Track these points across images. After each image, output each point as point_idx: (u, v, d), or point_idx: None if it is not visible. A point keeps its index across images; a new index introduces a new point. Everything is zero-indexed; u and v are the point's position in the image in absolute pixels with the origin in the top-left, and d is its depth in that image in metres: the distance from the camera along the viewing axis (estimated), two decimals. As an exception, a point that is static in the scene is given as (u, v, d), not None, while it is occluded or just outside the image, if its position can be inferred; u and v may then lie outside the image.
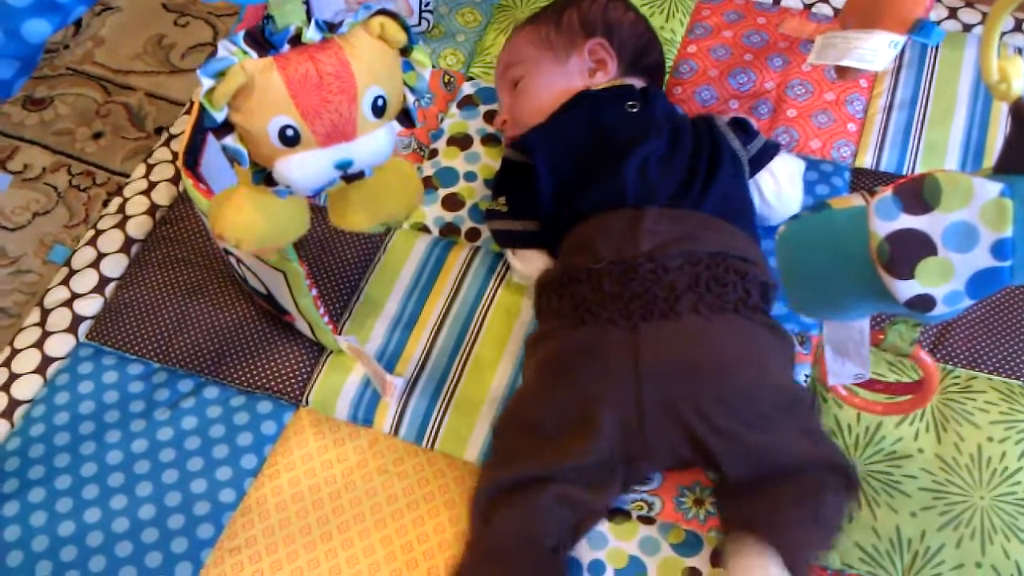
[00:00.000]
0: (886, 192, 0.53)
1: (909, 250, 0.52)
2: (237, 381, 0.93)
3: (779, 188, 0.95)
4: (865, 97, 1.11)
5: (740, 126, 0.96)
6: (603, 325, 0.79)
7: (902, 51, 1.12)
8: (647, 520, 0.82)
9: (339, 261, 1.00)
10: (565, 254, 0.88)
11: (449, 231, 1.03)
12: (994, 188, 0.50)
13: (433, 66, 1.17)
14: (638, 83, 1.00)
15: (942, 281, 0.52)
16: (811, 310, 0.60)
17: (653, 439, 0.78)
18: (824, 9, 1.20)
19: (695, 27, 1.19)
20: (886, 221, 0.52)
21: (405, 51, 0.66)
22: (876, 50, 0.76)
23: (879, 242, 0.53)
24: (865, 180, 1.04)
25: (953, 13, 1.18)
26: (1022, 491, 0.82)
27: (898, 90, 1.11)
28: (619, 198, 0.86)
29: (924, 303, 0.53)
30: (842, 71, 0.81)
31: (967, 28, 1.17)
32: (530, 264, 0.95)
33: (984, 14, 1.17)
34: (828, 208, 0.55)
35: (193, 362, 0.94)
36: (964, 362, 0.91)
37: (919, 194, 0.52)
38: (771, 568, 0.73)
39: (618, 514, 0.82)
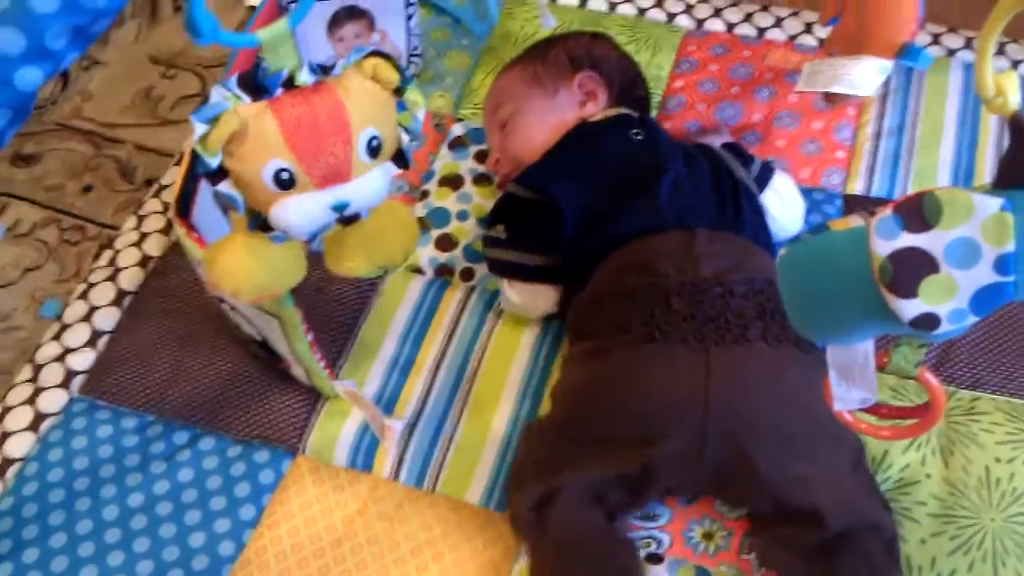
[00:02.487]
0: (886, 211, 0.52)
1: (911, 269, 0.52)
2: (233, 431, 0.91)
3: (784, 204, 0.97)
4: (853, 125, 1.12)
5: (734, 151, 0.98)
6: (674, 344, 0.79)
7: (888, 77, 1.13)
8: (655, 559, 0.81)
9: (334, 304, 1.00)
10: (614, 276, 0.86)
11: (443, 272, 1.03)
12: (994, 203, 0.50)
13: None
14: (634, 113, 1.00)
15: (946, 299, 0.52)
16: (814, 333, 0.59)
17: (708, 462, 0.78)
18: (808, 40, 1.21)
19: (681, 62, 1.20)
20: (887, 240, 0.52)
21: (398, 92, 0.66)
22: (864, 76, 0.77)
23: (881, 262, 0.52)
24: (857, 207, 1.04)
25: (936, 39, 1.19)
26: (1033, 512, 0.81)
27: (886, 117, 1.12)
28: (661, 219, 0.87)
29: (928, 322, 0.53)
30: (831, 98, 0.82)
31: (951, 53, 1.18)
32: (529, 297, 0.94)
33: (968, 39, 1.18)
34: (828, 230, 0.55)
35: (188, 413, 0.93)
36: (967, 383, 0.90)
37: (919, 212, 0.51)
38: None
39: (626, 552, 0.81)
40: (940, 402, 0.62)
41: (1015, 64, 1.15)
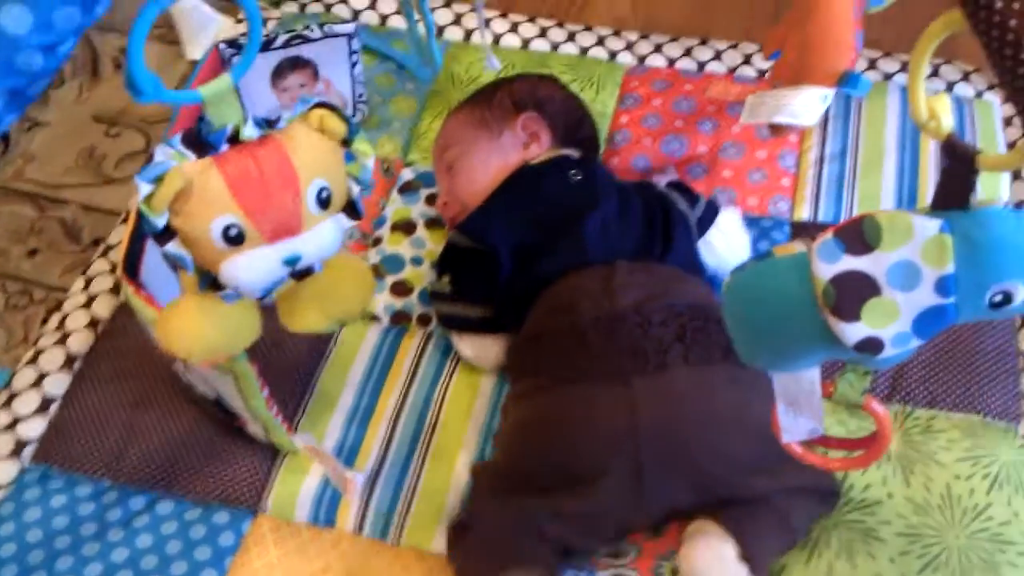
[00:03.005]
0: (827, 235, 0.53)
1: (854, 292, 0.52)
2: (191, 493, 0.89)
3: (729, 240, 0.99)
4: (796, 152, 1.14)
5: (680, 189, 0.99)
6: (594, 381, 0.80)
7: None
8: (625, 597, 0.80)
9: (290, 357, 0.98)
10: (538, 317, 0.88)
11: (400, 319, 1.02)
12: (933, 225, 0.51)
13: (371, 155, 1.17)
14: (574, 153, 1.01)
15: (888, 322, 0.52)
16: (760, 360, 0.60)
17: (650, 492, 0.78)
18: (747, 72, 1.24)
19: (625, 98, 1.22)
20: (829, 264, 0.53)
21: (346, 143, 0.66)
22: (806, 105, 0.78)
23: (824, 286, 0.53)
24: (805, 233, 1.06)
25: (873, 64, 1.22)
26: (995, 525, 0.82)
27: (827, 143, 1.14)
28: (583, 258, 0.88)
29: (872, 346, 0.54)
30: (775, 128, 0.83)
31: (887, 77, 1.21)
32: (478, 349, 0.95)
33: (904, 63, 1.21)
34: (772, 256, 0.56)
35: (145, 477, 0.91)
36: (922, 402, 0.91)
37: (860, 235, 0.52)
38: (726, 552, 0.74)
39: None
40: (887, 430, 0.62)
41: (950, 86, 1.18)
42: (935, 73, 1.19)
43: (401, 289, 1.04)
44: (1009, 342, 0.95)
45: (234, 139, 0.62)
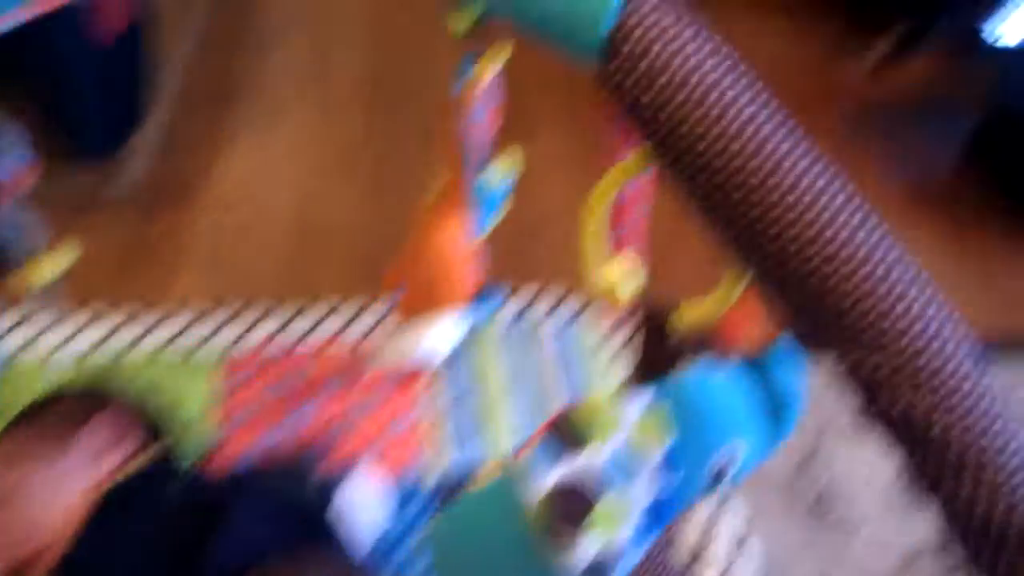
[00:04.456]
0: (528, 449, 0.43)
1: (574, 501, 0.42)
2: None
3: (358, 510, 0.86)
4: (416, 410, 1.07)
5: (301, 466, 0.87)
6: None
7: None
8: None
9: None
10: None
11: None
12: (641, 401, 0.43)
13: None
14: (168, 454, 0.85)
15: (619, 524, 0.42)
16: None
17: None
18: (359, 328, 1.17)
19: (225, 383, 1.08)
20: (539, 478, 0.42)
21: None
22: (441, 333, 0.73)
23: (537, 507, 0.42)
24: (446, 487, 0.97)
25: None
26: None
27: (446, 390, 1.09)
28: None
29: (600, 567, 0.43)
30: (408, 368, 0.76)
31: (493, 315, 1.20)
32: None
33: (505, 297, 1.22)
34: (474, 487, 0.44)
35: None
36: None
37: (565, 434, 0.43)
38: None
39: None
40: None
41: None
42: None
43: None
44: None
45: None
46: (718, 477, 0.46)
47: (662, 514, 0.45)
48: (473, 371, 1.11)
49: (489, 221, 0.82)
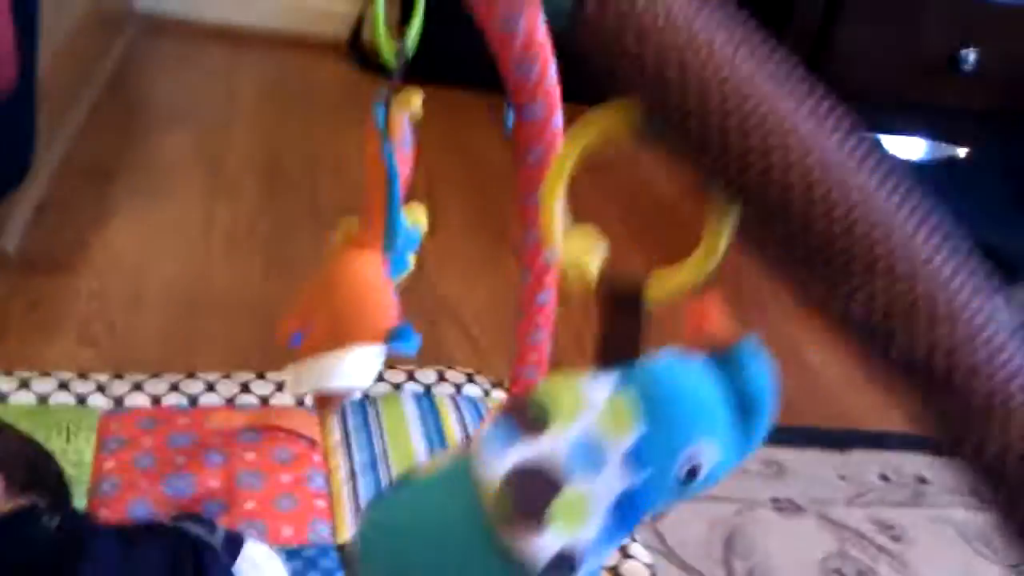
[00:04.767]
0: (487, 425, 0.40)
1: (534, 488, 0.39)
2: None
3: (261, 573, 0.79)
4: (324, 471, 1.00)
5: (190, 518, 0.80)
6: None
7: (344, 419, 1.07)
8: None
9: None
10: None
11: None
12: (605, 386, 0.41)
13: None
14: (42, 501, 0.77)
15: (583, 518, 0.40)
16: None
17: None
18: (248, 399, 1.10)
19: (107, 442, 0.99)
20: (498, 459, 0.39)
21: None
22: (359, 364, 0.68)
23: (496, 490, 0.39)
24: (353, 554, 0.91)
25: (382, 376, 1.16)
26: None
27: (354, 456, 1.03)
28: None
29: (564, 563, 0.40)
30: (324, 401, 0.70)
31: (396, 387, 1.15)
32: None
33: (409, 373, 1.17)
34: (416, 474, 0.41)
35: None
36: None
37: (525, 414, 0.40)
38: None
39: None
40: None
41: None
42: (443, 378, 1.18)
43: None
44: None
45: None
46: (687, 479, 0.44)
47: (627, 515, 0.42)
48: (379, 441, 1.06)
49: (406, 261, 0.79)
